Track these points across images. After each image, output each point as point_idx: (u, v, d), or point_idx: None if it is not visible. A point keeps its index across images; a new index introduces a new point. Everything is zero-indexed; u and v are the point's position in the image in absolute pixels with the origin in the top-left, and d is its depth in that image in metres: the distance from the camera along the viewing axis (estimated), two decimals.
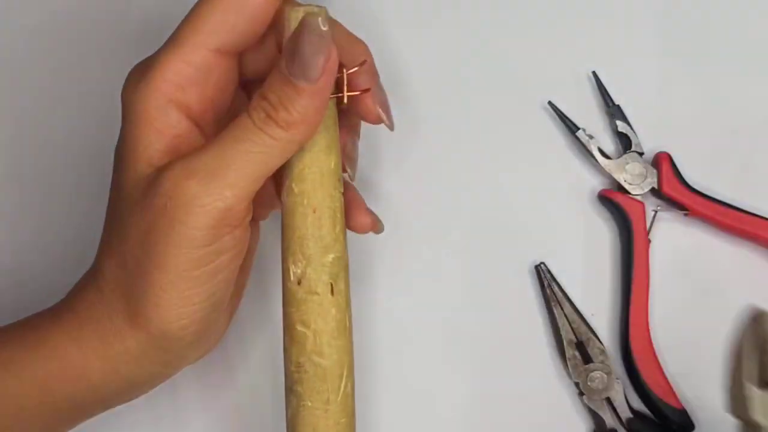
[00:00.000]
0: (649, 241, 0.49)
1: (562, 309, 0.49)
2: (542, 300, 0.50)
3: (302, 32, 0.37)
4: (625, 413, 0.48)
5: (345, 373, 0.40)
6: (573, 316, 0.49)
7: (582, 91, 0.51)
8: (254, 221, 0.44)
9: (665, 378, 0.48)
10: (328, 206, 0.40)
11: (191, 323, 0.38)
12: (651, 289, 0.49)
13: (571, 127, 0.50)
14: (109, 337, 0.38)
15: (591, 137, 0.50)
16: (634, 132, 0.50)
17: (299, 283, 0.40)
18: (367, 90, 0.41)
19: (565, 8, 0.52)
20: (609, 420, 0.48)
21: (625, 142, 0.50)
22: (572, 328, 0.49)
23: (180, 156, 0.38)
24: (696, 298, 0.49)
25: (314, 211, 0.40)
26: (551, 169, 0.51)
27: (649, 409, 0.49)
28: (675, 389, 0.48)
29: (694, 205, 0.49)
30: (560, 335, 0.49)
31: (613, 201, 0.49)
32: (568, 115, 0.51)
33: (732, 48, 0.51)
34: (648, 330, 0.48)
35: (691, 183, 0.49)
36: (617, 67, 0.51)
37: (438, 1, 0.52)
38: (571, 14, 0.52)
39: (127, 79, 0.39)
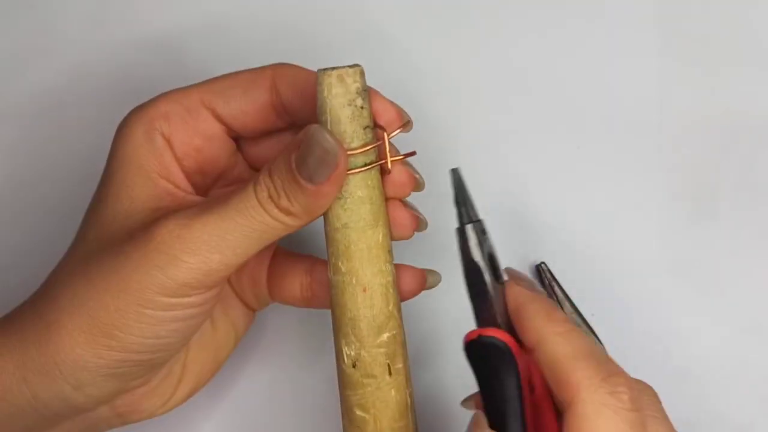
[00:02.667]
0: None
1: (562, 309, 0.48)
2: None
3: (309, 143, 0.36)
4: None
5: None
6: (573, 316, 0.48)
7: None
8: (249, 309, 0.44)
9: None
10: (378, 283, 0.38)
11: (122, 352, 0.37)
12: None
13: None
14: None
15: None
16: None
17: (354, 366, 0.38)
18: (412, 153, 0.39)
19: (565, 8, 0.51)
20: None
21: None
22: None
23: (167, 198, 0.39)
24: None
25: (364, 290, 0.38)
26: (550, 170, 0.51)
27: None
28: None
29: None
30: None
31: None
32: None
33: (732, 48, 0.51)
34: None
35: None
36: (617, 67, 0.50)
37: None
38: (571, 14, 0.51)
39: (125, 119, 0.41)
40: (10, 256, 0.50)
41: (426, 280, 0.42)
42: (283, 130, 0.42)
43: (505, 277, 0.39)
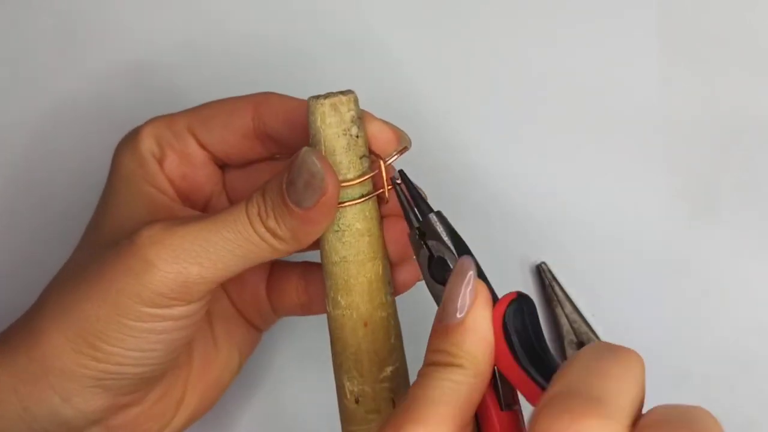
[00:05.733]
0: None
1: (562, 309, 0.48)
2: (543, 300, 0.49)
3: (298, 165, 0.35)
4: None
5: None
6: (573, 316, 0.48)
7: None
8: (254, 329, 0.44)
9: None
10: (380, 317, 0.37)
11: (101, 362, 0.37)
12: None
13: None
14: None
15: None
16: None
17: (357, 402, 0.37)
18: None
19: (565, 8, 0.50)
20: None
21: None
22: (573, 328, 0.48)
23: (163, 211, 0.39)
24: None
25: (365, 325, 0.37)
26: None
27: None
28: None
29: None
30: (561, 335, 0.48)
31: None
32: None
33: (732, 48, 0.50)
34: None
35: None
36: (617, 67, 0.50)
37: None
38: (571, 14, 0.50)
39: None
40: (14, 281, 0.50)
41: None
42: (269, 159, 0.42)
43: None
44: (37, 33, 0.51)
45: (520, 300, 0.34)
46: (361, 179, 0.36)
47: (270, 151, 0.41)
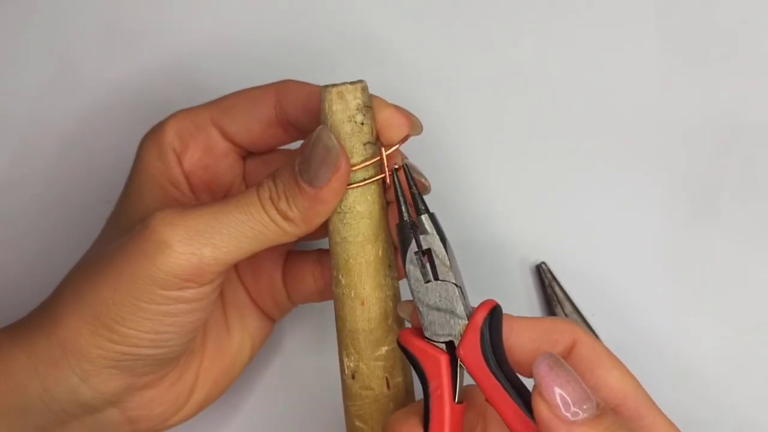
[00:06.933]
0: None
1: (562, 309, 0.48)
2: (543, 300, 0.49)
3: (313, 142, 0.37)
4: None
5: None
6: (573, 316, 0.48)
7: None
8: (267, 319, 0.45)
9: None
10: (377, 297, 0.39)
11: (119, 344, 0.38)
12: None
13: None
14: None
15: None
16: None
17: (353, 377, 0.39)
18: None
19: (565, 8, 0.50)
20: None
21: None
22: None
23: (175, 205, 0.40)
24: None
25: (362, 304, 0.39)
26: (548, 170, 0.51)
27: None
28: None
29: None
30: None
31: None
32: None
33: (732, 48, 0.50)
34: None
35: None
36: (617, 67, 0.50)
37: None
38: (571, 14, 0.51)
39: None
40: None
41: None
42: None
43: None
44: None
45: (496, 309, 0.37)
46: (363, 165, 0.38)
47: (291, 137, 0.42)
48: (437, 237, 0.38)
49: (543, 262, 0.49)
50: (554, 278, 0.49)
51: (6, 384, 0.39)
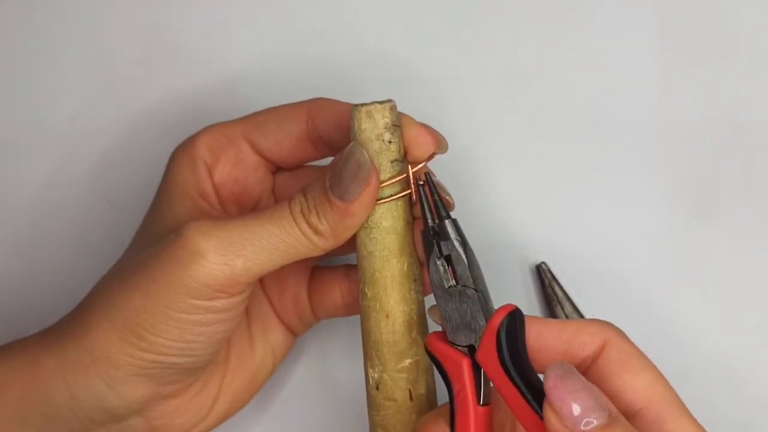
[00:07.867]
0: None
1: (562, 309, 0.48)
2: (543, 300, 0.49)
3: (346, 157, 0.38)
4: None
5: None
6: (573, 316, 0.49)
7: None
8: (290, 333, 0.45)
9: None
10: (401, 311, 0.39)
11: (146, 353, 0.38)
12: None
13: None
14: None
15: None
16: None
17: (377, 388, 0.40)
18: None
19: (565, 8, 0.51)
20: None
21: None
22: None
23: (205, 217, 0.41)
24: None
25: (387, 316, 0.39)
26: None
27: None
28: None
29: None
30: None
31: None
32: None
33: (732, 48, 0.50)
34: None
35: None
36: (617, 67, 0.50)
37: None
38: (570, 14, 0.51)
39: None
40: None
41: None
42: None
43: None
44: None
45: (515, 313, 0.37)
46: (390, 182, 0.39)
47: (321, 153, 0.43)
48: (459, 242, 0.38)
49: (543, 262, 0.49)
50: (554, 278, 0.49)
51: (34, 391, 0.39)
